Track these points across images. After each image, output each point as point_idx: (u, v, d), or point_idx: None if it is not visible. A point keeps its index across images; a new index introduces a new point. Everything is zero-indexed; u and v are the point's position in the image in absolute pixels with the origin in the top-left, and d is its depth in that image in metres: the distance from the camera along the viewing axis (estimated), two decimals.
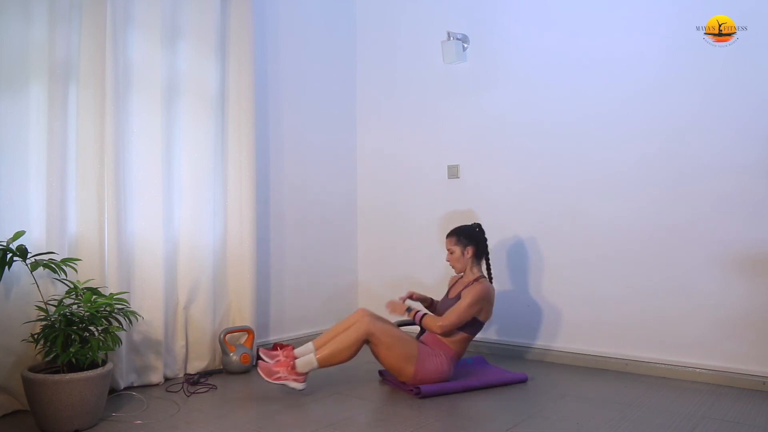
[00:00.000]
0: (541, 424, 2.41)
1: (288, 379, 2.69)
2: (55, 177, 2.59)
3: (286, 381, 2.69)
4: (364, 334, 2.74)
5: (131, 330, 2.82)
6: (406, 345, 2.80)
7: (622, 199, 3.25)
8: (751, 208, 2.90)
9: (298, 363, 2.71)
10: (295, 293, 3.88)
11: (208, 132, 3.21)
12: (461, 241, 3.03)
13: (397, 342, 2.78)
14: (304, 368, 2.71)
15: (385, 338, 2.76)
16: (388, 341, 2.77)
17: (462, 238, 3.03)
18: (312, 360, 2.71)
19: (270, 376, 2.69)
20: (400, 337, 2.81)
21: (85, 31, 2.74)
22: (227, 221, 3.34)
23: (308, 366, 2.71)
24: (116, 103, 2.78)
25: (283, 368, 2.70)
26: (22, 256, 2.33)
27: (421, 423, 2.42)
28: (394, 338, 2.79)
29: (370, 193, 4.32)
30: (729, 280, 2.95)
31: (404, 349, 2.78)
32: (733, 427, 2.35)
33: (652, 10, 3.17)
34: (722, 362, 2.96)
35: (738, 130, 2.93)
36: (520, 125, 3.62)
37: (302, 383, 2.72)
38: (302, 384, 2.72)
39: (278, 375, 2.69)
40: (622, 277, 3.25)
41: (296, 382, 2.70)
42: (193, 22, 3.17)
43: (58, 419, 2.24)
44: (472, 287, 2.92)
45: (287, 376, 2.69)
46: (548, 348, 3.49)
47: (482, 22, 3.78)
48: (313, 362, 2.71)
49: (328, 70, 4.17)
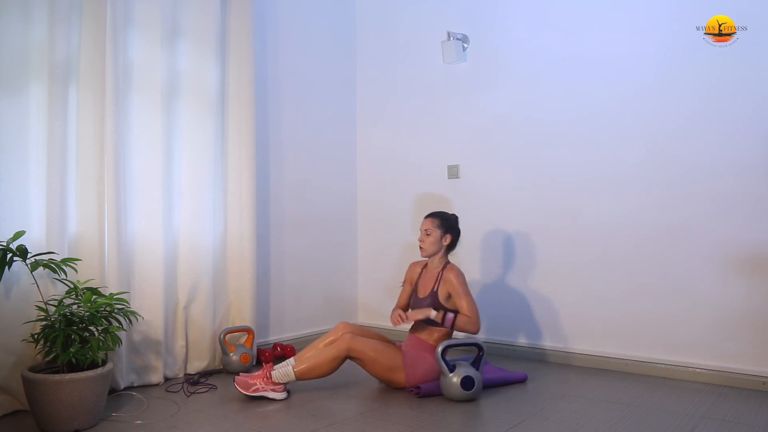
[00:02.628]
0: (541, 424, 2.41)
1: (266, 390, 2.67)
2: (55, 177, 2.59)
3: (264, 392, 2.66)
4: (345, 350, 2.71)
5: (131, 330, 2.82)
6: (389, 356, 2.78)
7: (622, 198, 3.25)
8: (750, 208, 2.90)
9: (275, 374, 2.69)
10: (295, 293, 3.88)
11: (208, 132, 3.21)
12: (443, 226, 2.99)
13: (379, 355, 2.76)
14: (281, 379, 2.68)
15: (368, 353, 2.74)
16: (371, 355, 2.74)
17: (444, 223, 3.00)
18: (290, 372, 2.69)
19: (247, 389, 2.66)
20: (382, 349, 2.78)
21: (85, 31, 2.74)
22: (227, 221, 3.34)
23: (285, 377, 2.69)
24: (116, 103, 2.78)
25: (259, 380, 2.67)
26: (22, 256, 2.33)
27: (420, 423, 2.42)
28: (377, 351, 2.76)
29: (370, 193, 4.32)
30: (729, 279, 2.95)
31: (388, 361, 2.77)
32: (733, 427, 2.35)
33: (652, 10, 3.17)
34: (722, 362, 2.96)
35: (738, 130, 2.93)
36: (520, 125, 3.62)
37: (282, 392, 2.69)
38: (282, 393, 2.69)
39: (255, 387, 2.66)
40: (622, 277, 3.25)
41: (275, 392, 2.67)
42: (193, 22, 3.17)
43: (58, 419, 2.24)
44: (452, 273, 2.88)
45: (264, 387, 2.67)
46: (548, 348, 3.49)
47: (482, 22, 3.78)
48: (290, 374, 2.68)
49: (328, 70, 4.17)
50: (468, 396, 2.65)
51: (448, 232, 2.99)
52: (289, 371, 2.69)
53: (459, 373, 2.65)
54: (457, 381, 2.63)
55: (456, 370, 2.66)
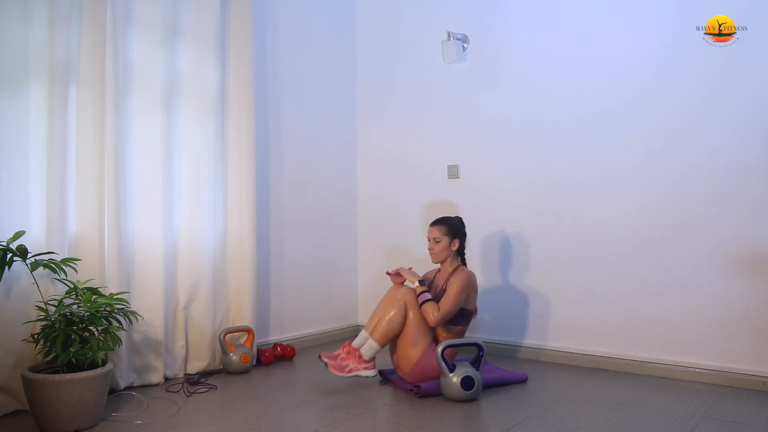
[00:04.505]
0: (541, 424, 2.41)
1: (359, 369, 2.82)
2: (55, 177, 2.59)
3: (357, 372, 2.82)
4: (404, 303, 2.83)
5: (131, 330, 2.82)
6: (422, 333, 2.85)
7: (623, 198, 3.25)
8: (750, 208, 2.90)
9: (363, 351, 2.83)
10: (295, 293, 3.88)
11: (208, 132, 3.21)
12: (450, 232, 3.04)
13: (417, 326, 2.83)
14: (370, 353, 2.83)
15: (417, 312, 2.84)
16: (419, 317, 2.84)
17: (451, 229, 3.05)
18: (373, 344, 2.82)
19: (342, 371, 2.81)
20: (423, 325, 2.86)
21: (85, 31, 2.74)
22: (227, 221, 3.34)
23: (372, 350, 2.83)
24: (116, 103, 2.78)
25: (352, 360, 2.83)
26: (22, 256, 2.33)
27: (420, 423, 2.42)
28: (418, 322, 2.84)
29: (370, 193, 4.32)
30: (729, 279, 2.95)
31: (419, 336, 2.83)
32: (733, 427, 2.35)
33: (652, 10, 3.17)
34: (722, 362, 2.96)
35: (738, 130, 2.93)
36: (520, 125, 3.62)
37: (372, 369, 2.85)
38: (373, 371, 2.85)
39: (349, 368, 2.82)
40: (622, 277, 3.25)
41: (367, 370, 2.83)
42: (193, 22, 3.17)
43: (58, 419, 2.24)
44: (456, 276, 2.95)
45: (357, 367, 2.82)
46: (548, 348, 3.49)
47: (482, 22, 3.78)
48: (374, 345, 2.82)
49: (328, 70, 4.17)
50: (468, 396, 2.65)
51: (456, 238, 3.04)
52: (372, 344, 2.83)
53: (459, 373, 2.65)
54: (457, 381, 2.64)
55: (456, 370, 2.67)
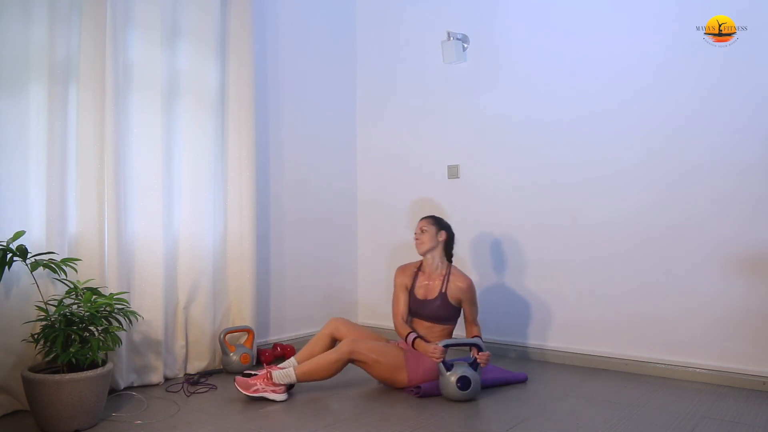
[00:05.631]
0: (541, 424, 2.41)
1: (266, 391, 2.64)
2: (55, 177, 2.59)
3: (264, 393, 2.64)
4: (347, 354, 2.71)
5: (131, 330, 2.82)
6: (391, 356, 2.78)
7: (622, 198, 3.25)
8: (750, 208, 2.90)
9: (275, 375, 2.67)
10: (295, 293, 3.88)
11: (208, 132, 3.21)
12: (437, 224, 3.04)
13: (382, 356, 2.76)
14: (282, 380, 2.67)
15: (370, 355, 2.74)
16: (374, 357, 2.74)
17: (438, 221, 3.06)
18: (291, 373, 2.68)
19: (247, 390, 2.64)
20: (384, 350, 2.78)
21: (85, 31, 2.74)
22: (227, 221, 3.34)
23: (286, 378, 2.68)
24: (116, 103, 2.78)
25: (260, 381, 2.66)
26: (22, 256, 2.33)
27: (420, 422, 2.42)
28: (379, 353, 2.76)
29: (370, 193, 4.32)
30: (729, 279, 2.95)
31: (391, 361, 2.77)
32: (733, 427, 2.36)
33: (652, 10, 3.17)
34: (722, 362, 2.96)
35: (738, 130, 2.93)
36: (520, 125, 3.62)
37: (282, 394, 2.67)
38: (282, 395, 2.67)
39: (255, 387, 2.64)
40: (622, 277, 3.25)
41: (275, 394, 2.65)
42: (193, 22, 3.17)
43: (58, 419, 2.24)
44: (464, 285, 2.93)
45: (265, 388, 2.64)
46: (548, 348, 3.49)
47: (482, 22, 3.78)
48: (291, 375, 2.68)
49: (328, 70, 4.17)
50: (464, 396, 2.65)
51: (442, 230, 3.03)
52: (290, 373, 2.69)
53: (456, 372, 2.65)
54: (454, 380, 2.63)
55: (453, 369, 2.66)
